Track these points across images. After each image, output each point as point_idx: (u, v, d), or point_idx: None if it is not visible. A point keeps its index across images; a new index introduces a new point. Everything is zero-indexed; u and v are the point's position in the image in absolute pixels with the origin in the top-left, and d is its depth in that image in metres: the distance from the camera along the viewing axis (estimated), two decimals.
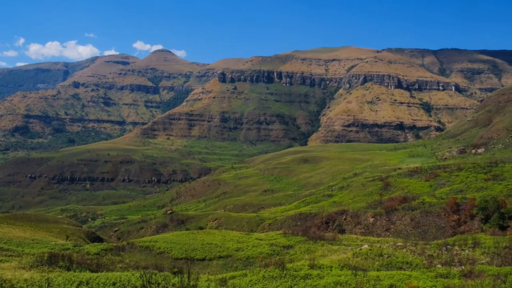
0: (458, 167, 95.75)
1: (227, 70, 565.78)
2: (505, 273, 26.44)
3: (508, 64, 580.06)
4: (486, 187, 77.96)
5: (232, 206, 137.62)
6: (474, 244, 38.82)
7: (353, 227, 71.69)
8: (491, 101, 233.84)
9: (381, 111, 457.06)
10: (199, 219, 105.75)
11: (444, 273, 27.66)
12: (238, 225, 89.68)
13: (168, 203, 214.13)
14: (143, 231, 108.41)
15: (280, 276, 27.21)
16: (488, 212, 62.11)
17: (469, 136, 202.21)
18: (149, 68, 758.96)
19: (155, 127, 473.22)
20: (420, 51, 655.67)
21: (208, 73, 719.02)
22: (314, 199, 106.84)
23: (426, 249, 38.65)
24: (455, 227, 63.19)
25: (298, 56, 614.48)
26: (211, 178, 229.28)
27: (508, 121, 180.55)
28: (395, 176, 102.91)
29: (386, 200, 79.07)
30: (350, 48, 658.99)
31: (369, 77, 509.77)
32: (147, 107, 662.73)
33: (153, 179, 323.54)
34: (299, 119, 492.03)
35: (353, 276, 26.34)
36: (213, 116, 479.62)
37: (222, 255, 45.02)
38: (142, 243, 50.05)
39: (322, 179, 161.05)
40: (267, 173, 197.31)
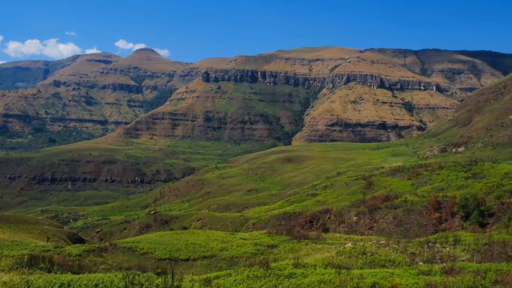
0: (439, 166, 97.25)
1: (211, 70, 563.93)
2: (484, 270, 26.92)
3: (486, 64, 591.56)
4: (467, 185, 79.33)
5: (216, 206, 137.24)
6: (455, 242, 39.46)
7: (337, 226, 72.20)
8: (471, 101, 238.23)
9: (364, 111, 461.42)
10: (183, 219, 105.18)
11: (426, 271, 28.03)
12: (222, 225, 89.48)
13: (152, 203, 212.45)
14: (126, 232, 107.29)
15: (264, 275, 27.21)
16: (468, 210, 63.24)
17: (449, 135, 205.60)
18: (132, 67, 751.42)
19: (138, 127, 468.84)
20: (402, 51, 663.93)
21: (192, 72, 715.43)
22: (298, 198, 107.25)
23: (409, 247, 39.14)
24: (436, 225, 64.17)
25: (282, 56, 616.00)
26: (195, 178, 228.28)
27: (487, 120, 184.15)
28: (378, 175, 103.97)
29: (369, 199, 79.86)
30: (333, 48, 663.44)
31: (352, 77, 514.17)
32: (130, 107, 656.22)
33: (136, 179, 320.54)
34: (283, 118, 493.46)
35: (337, 275, 26.49)
36: (197, 116, 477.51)
37: (206, 255, 44.83)
38: (125, 243, 49.51)
39: (306, 179, 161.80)
40: (251, 173, 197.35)
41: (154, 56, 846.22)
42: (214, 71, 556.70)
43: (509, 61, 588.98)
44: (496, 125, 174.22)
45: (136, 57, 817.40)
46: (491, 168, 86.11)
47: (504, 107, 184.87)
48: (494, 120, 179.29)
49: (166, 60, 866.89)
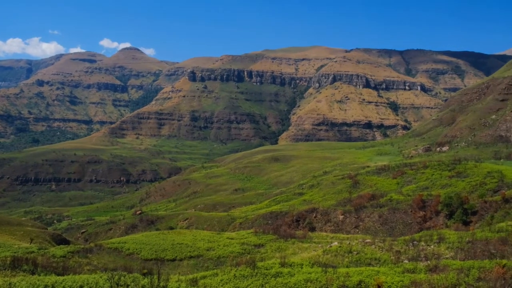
0: (424, 165, 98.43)
1: (197, 69, 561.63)
2: (468, 267, 27.33)
3: (469, 65, 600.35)
4: (450, 184, 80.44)
5: (203, 205, 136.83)
6: (439, 240, 39.98)
7: (323, 224, 72.57)
8: (454, 101, 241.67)
9: (350, 110, 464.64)
10: (169, 219, 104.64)
11: (411, 268, 28.34)
12: (209, 225, 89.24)
13: (138, 203, 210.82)
14: (111, 232, 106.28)
15: (251, 275, 27.21)
16: (452, 208, 64.15)
17: (434, 134, 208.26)
18: (117, 66, 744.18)
19: (123, 126, 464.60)
20: (387, 51, 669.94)
21: (178, 71, 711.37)
22: (285, 197, 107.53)
23: (394, 245, 39.53)
24: (421, 223, 64.94)
25: (268, 55, 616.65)
26: (182, 178, 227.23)
27: (470, 120, 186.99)
28: (364, 174, 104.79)
29: (355, 198, 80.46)
30: (319, 48, 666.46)
31: (338, 76, 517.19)
32: (115, 106, 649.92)
33: (122, 179, 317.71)
34: (270, 118, 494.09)
35: (323, 273, 26.63)
36: (183, 115, 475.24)
37: (193, 255, 44.68)
38: (111, 244, 49.06)
39: (292, 178, 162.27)
40: (238, 172, 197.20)
41: (140, 55, 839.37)
42: (200, 71, 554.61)
43: (491, 61, 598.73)
44: (479, 125, 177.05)
45: (121, 56, 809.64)
46: (474, 167, 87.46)
47: (486, 107, 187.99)
48: (477, 120, 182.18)
49: (152, 59, 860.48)
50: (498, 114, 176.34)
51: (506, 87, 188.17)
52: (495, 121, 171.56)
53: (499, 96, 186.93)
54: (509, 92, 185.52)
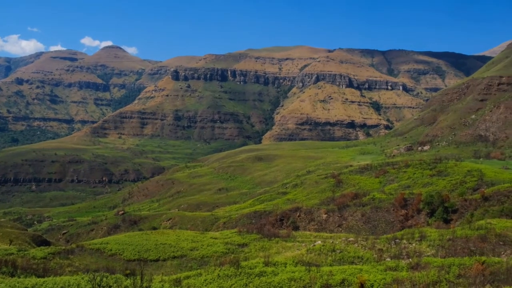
0: (406, 164, 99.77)
1: (180, 68, 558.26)
2: (448, 264, 27.79)
3: (450, 65, 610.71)
4: (432, 183, 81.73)
5: (187, 205, 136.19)
6: (420, 238, 40.57)
7: (307, 223, 72.95)
8: (435, 101, 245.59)
9: (333, 110, 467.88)
10: (153, 219, 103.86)
11: (393, 266, 28.68)
12: (192, 225, 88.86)
13: (120, 203, 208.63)
14: (93, 233, 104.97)
15: (235, 274, 27.18)
16: (433, 207, 65.19)
17: (415, 134, 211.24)
18: (99, 65, 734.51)
19: (105, 126, 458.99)
20: (370, 52, 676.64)
21: (161, 70, 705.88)
22: (269, 197, 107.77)
23: (376, 244, 39.96)
24: (403, 222, 65.80)
25: (252, 55, 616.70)
26: (165, 177, 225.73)
27: (451, 119, 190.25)
28: (347, 173, 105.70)
29: (338, 197, 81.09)
30: (302, 48, 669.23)
31: (322, 76, 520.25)
32: (97, 105, 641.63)
33: (104, 179, 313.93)
34: (253, 117, 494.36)
35: (307, 272, 26.75)
36: (166, 115, 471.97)
37: (176, 255, 44.43)
38: (93, 245, 48.45)
39: (276, 177, 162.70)
40: (222, 172, 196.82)
41: (122, 54, 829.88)
42: (184, 70, 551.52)
43: (471, 62, 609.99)
44: (460, 124, 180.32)
45: (103, 54, 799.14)
46: (455, 166, 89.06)
47: (467, 107, 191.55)
48: (457, 120, 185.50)
49: (135, 58, 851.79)
50: (477, 114, 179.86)
51: (485, 88, 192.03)
52: (474, 120, 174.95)
53: (479, 96, 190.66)
54: (488, 92, 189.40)
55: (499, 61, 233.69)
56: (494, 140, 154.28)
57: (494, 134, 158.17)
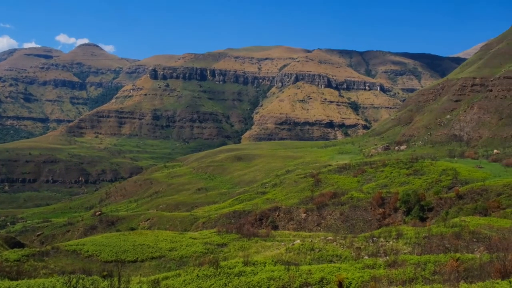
0: (383, 163, 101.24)
1: (158, 67, 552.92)
2: (424, 261, 28.30)
3: (426, 66, 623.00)
4: (408, 182, 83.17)
5: (165, 205, 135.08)
6: (397, 236, 41.22)
7: (286, 223, 73.20)
8: (412, 101, 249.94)
9: (312, 110, 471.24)
10: (131, 219, 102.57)
11: (370, 264, 29.02)
12: (171, 225, 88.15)
13: (97, 204, 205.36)
14: (69, 234, 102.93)
15: (214, 274, 27.06)
16: (410, 205, 66.34)
17: (392, 133, 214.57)
18: (75, 63, 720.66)
19: (82, 125, 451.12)
20: (348, 52, 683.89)
21: (139, 69, 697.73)
22: (248, 196, 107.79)
23: (355, 242, 40.40)
24: (380, 220, 66.73)
25: (231, 54, 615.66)
26: (143, 177, 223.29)
27: (427, 119, 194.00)
28: (326, 173, 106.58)
29: (317, 196, 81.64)
30: (282, 48, 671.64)
31: (301, 76, 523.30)
32: (73, 104, 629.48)
33: (80, 179, 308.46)
34: (233, 117, 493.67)
35: (286, 271, 26.83)
36: (144, 114, 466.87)
37: (154, 256, 43.99)
38: (69, 246, 47.52)
39: (255, 177, 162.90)
40: (201, 172, 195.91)
41: (99, 52, 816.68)
42: (162, 69, 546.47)
43: (446, 63, 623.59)
44: (435, 124, 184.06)
45: (79, 52, 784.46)
46: (430, 165, 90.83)
47: (442, 107, 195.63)
48: (433, 120, 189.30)
49: (112, 56, 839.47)
50: (452, 114, 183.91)
51: (460, 88, 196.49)
52: (449, 120, 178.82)
53: (453, 97, 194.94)
54: (463, 93, 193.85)
55: (472, 63, 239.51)
56: (468, 140, 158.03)
57: (468, 134, 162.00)
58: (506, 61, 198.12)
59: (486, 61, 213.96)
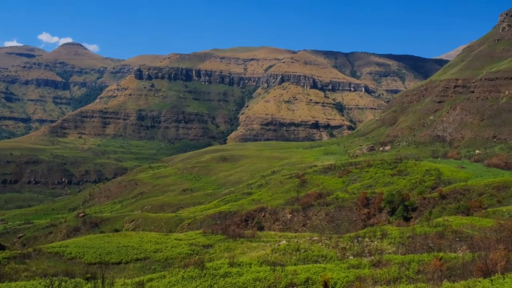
0: (368, 164, 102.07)
1: (143, 67, 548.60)
2: (408, 261, 28.58)
3: (410, 68, 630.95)
4: (392, 182, 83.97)
5: (150, 206, 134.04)
6: (382, 236, 41.56)
7: (271, 223, 73.26)
8: (396, 102, 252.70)
9: (298, 111, 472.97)
10: (115, 221, 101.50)
11: (355, 264, 29.19)
12: (156, 226, 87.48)
13: (81, 205, 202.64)
14: (52, 236, 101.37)
15: (199, 275, 26.90)
16: (394, 205, 67.00)
17: (377, 134, 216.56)
18: (58, 62, 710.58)
19: (65, 125, 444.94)
20: (333, 53, 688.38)
21: (124, 69, 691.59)
22: (234, 197, 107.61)
23: (340, 242, 40.61)
24: (365, 220, 67.23)
25: (217, 55, 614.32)
26: (128, 178, 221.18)
27: (410, 120, 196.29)
28: (311, 173, 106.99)
29: (303, 197, 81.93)
30: (267, 48, 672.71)
31: (286, 77, 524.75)
32: (56, 104, 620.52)
33: (63, 180, 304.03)
34: (218, 117, 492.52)
35: (272, 272, 26.82)
36: (129, 114, 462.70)
37: (139, 258, 43.57)
38: (51, 249, 46.77)
39: (241, 178, 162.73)
40: (186, 172, 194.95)
41: (83, 51, 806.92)
42: (147, 69, 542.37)
43: (429, 65, 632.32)
44: (419, 125, 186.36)
45: (62, 51, 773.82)
46: (414, 166, 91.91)
47: (425, 108, 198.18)
48: (416, 121, 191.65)
49: (96, 55, 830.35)
50: (435, 115, 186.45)
51: (443, 90, 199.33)
52: (433, 121, 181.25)
53: (437, 98, 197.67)
54: (445, 94, 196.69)
55: (455, 65, 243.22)
56: (450, 140, 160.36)
57: (450, 134, 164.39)
58: (487, 63, 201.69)
59: (468, 63, 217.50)
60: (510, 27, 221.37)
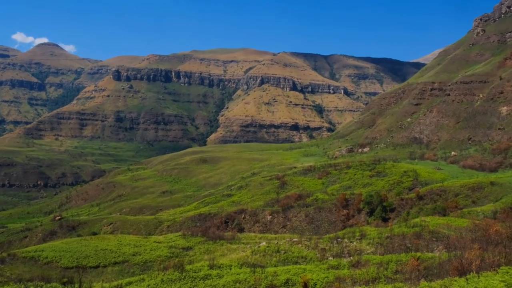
0: (347, 165, 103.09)
1: (122, 68, 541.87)
2: (387, 261, 28.97)
3: (388, 71, 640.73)
4: (371, 183, 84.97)
5: (129, 209, 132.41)
6: (361, 236, 42.01)
7: (251, 225, 73.26)
8: (374, 104, 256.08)
9: (278, 112, 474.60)
10: (93, 224, 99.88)
11: (335, 265, 29.42)
12: (135, 229, 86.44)
13: (57, 208, 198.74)
14: (27, 241, 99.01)
15: (179, 278, 26.69)
16: (372, 206, 67.86)
17: (356, 136, 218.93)
18: (34, 63, 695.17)
19: (41, 127, 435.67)
20: (313, 56, 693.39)
21: (101, 70, 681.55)
22: (214, 199, 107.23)
23: (319, 243, 40.86)
24: (344, 221, 67.85)
25: (197, 56, 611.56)
26: (106, 181, 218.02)
27: (388, 122, 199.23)
28: (291, 175, 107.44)
29: (283, 198, 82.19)
30: (247, 50, 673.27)
31: (266, 79, 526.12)
32: (32, 105, 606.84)
33: (39, 183, 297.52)
34: (198, 119, 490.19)
35: (252, 274, 26.81)
36: (107, 116, 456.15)
37: (117, 261, 42.96)
38: (26, 253, 45.69)
39: (221, 179, 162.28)
40: (166, 174, 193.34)
41: (59, 52, 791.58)
42: (126, 70, 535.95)
43: (407, 68, 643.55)
44: (396, 127, 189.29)
45: (38, 52, 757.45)
46: (392, 167, 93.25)
47: (403, 110, 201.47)
48: (394, 123, 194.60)
49: (73, 56, 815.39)
50: (413, 117, 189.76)
51: (420, 93, 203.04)
52: (410, 123, 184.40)
53: (414, 101, 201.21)
54: (422, 97, 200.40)
55: (431, 68, 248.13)
56: (427, 142, 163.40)
57: (427, 136, 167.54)
58: (463, 67, 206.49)
59: (444, 67, 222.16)
60: (484, 32, 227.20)
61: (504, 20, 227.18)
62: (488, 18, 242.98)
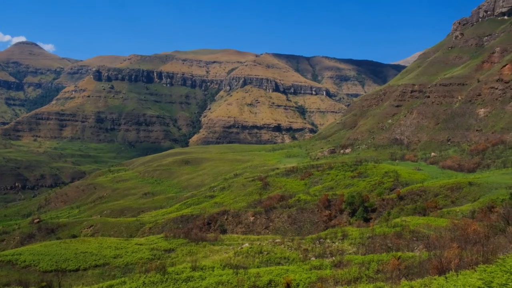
0: (329, 166, 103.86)
1: (103, 68, 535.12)
2: (368, 261, 29.26)
3: (369, 73, 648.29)
4: (353, 184, 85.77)
5: (110, 211, 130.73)
6: (343, 236, 42.34)
7: (234, 226, 73.14)
8: (356, 106, 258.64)
9: (260, 113, 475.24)
10: (72, 226, 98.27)
11: (317, 265, 29.57)
12: (116, 231, 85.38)
13: (36, 211, 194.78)
14: (4, 244, 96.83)
15: (161, 280, 26.45)
16: (354, 207, 68.47)
17: (338, 137, 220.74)
18: (11, 62, 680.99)
19: (18, 127, 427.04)
20: (295, 57, 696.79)
21: (82, 70, 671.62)
22: (196, 200, 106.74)
23: (302, 244, 41.02)
24: (327, 222, 68.30)
25: (179, 57, 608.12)
26: (86, 182, 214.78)
27: (370, 124, 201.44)
28: (274, 176, 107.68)
29: (265, 199, 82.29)
30: (230, 51, 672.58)
31: (249, 80, 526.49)
32: (9, 105, 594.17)
33: (16, 185, 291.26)
34: (180, 120, 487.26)
35: (235, 275, 26.74)
36: (87, 116, 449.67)
37: (98, 264, 42.36)
38: (3, 257, 44.68)
39: (203, 181, 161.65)
40: (147, 176, 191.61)
41: (38, 51, 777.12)
42: (107, 70, 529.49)
43: (387, 70, 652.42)
44: (378, 129, 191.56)
45: (15, 50, 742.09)
46: (374, 168, 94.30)
47: (384, 112, 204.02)
48: (375, 124, 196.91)
49: (52, 55, 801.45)
50: (393, 118, 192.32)
51: (400, 94, 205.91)
52: (391, 125, 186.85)
53: (394, 102, 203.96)
54: (403, 99, 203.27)
55: (412, 70, 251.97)
56: (408, 143, 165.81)
57: (408, 137, 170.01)
58: (442, 69, 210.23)
59: (424, 69, 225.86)
60: (463, 36, 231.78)
61: (481, 24, 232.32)
62: (467, 22, 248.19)
